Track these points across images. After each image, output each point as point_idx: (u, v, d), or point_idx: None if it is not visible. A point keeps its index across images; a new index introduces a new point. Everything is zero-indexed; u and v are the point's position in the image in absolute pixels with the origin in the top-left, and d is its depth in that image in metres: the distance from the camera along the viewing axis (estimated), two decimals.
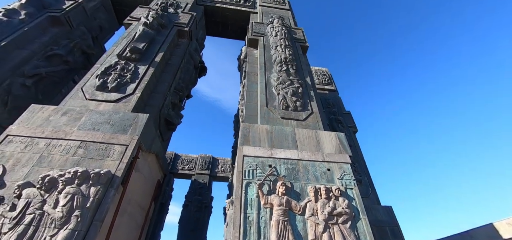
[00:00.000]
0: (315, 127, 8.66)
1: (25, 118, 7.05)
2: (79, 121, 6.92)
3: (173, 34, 11.70)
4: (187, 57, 11.83)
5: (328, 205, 6.15)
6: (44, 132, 6.61)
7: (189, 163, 21.39)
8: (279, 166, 6.74)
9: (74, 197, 5.27)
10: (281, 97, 9.12)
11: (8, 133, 6.59)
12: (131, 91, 8.19)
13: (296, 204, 6.02)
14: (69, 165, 5.94)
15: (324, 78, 19.18)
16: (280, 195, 6.05)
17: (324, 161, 7.26)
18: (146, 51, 9.96)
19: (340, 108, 15.98)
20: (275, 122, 8.27)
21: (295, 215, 5.84)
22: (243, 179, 6.21)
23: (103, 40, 15.52)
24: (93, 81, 8.32)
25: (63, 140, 6.47)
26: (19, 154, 6.16)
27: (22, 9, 11.72)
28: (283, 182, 6.28)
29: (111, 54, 9.58)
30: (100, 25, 14.75)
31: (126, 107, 7.69)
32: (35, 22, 11.44)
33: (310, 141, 7.71)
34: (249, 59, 11.84)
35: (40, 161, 6.03)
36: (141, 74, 8.85)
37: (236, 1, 17.83)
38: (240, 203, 5.73)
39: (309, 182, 6.57)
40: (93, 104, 7.66)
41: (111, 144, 6.45)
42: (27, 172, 5.81)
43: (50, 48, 11.17)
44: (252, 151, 6.88)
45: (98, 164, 6.01)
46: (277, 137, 7.50)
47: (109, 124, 6.93)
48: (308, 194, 6.30)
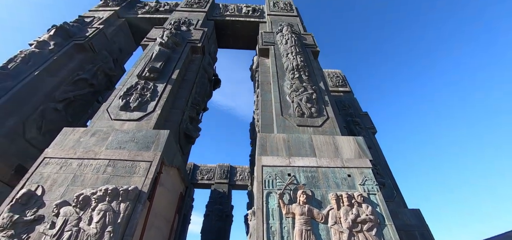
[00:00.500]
0: (332, 132, 8.58)
1: (58, 140, 7.62)
2: (107, 141, 7.37)
3: (187, 50, 12.21)
4: (202, 72, 12.27)
5: (351, 213, 6.04)
6: (76, 153, 7.11)
7: (208, 172, 21.82)
8: (299, 175, 6.74)
9: (106, 213, 5.60)
10: (296, 105, 9.16)
11: (45, 156, 7.15)
12: (151, 109, 8.62)
13: (318, 212, 5.97)
14: (100, 183, 6.33)
15: (337, 80, 18.96)
16: (301, 204, 6.04)
17: (344, 167, 7.16)
18: (163, 70, 10.47)
19: (357, 110, 15.67)
20: (292, 130, 8.30)
21: (318, 224, 5.79)
22: (263, 189, 6.28)
23: (123, 61, 16.51)
24: (117, 102, 8.85)
25: (93, 159, 6.91)
26: (55, 175, 6.66)
27: (51, 40, 12.80)
28: (303, 190, 6.27)
29: (131, 75, 10.16)
30: (120, 47, 15.74)
31: (148, 124, 8.10)
32: (62, 50, 12.44)
33: (328, 147, 7.65)
34: (261, 69, 12.03)
35: (74, 181, 6.48)
36: (160, 92, 9.30)
37: (245, 13, 18.29)
38: (262, 213, 5.79)
39: (330, 190, 6.50)
40: (118, 123, 8.14)
41: (137, 161, 6.81)
42: (63, 192, 6.26)
43: (77, 73, 12.08)
44: (271, 161, 6.95)
45: (126, 181, 6.35)
46: (295, 145, 7.52)
47: (133, 142, 7.32)
48: (330, 201, 6.23)
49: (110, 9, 17.07)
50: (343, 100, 16.28)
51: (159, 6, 18.62)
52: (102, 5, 17.60)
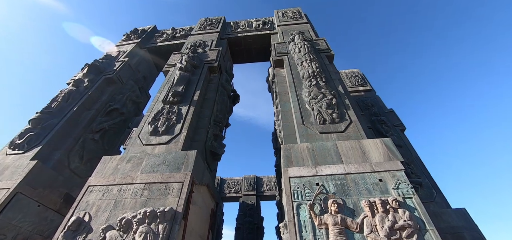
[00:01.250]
0: (357, 136, 8.38)
1: (99, 169, 8.32)
2: (141, 166, 7.91)
3: (205, 71, 12.82)
4: (221, 89, 12.76)
5: (387, 219, 5.80)
6: (115, 179, 7.71)
7: (235, 185, 22.13)
8: (327, 183, 6.65)
9: (147, 235, 5.96)
10: (316, 112, 9.12)
11: (89, 184, 7.84)
12: (178, 131, 9.12)
13: (352, 221, 5.81)
14: (138, 206, 6.77)
15: (356, 79, 18.50)
16: (333, 213, 5.94)
17: (373, 172, 6.93)
18: (185, 93, 11.07)
19: (381, 108, 15.08)
20: (315, 138, 8.26)
21: (353, 234, 5.63)
22: (292, 201, 6.28)
23: (148, 88, 17.72)
24: (146, 128, 9.50)
25: (131, 184, 7.44)
26: (99, 201, 7.26)
27: (85, 77, 14.18)
28: (334, 199, 6.17)
29: (157, 101, 10.87)
30: (144, 75, 16.96)
31: (176, 146, 8.56)
32: (95, 86, 13.71)
33: (354, 153, 7.48)
34: (278, 80, 12.21)
35: (116, 206, 7.00)
36: (184, 114, 9.82)
37: (255, 27, 18.81)
38: (294, 226, 5.78)
39: (361, 196, 6.32)
40: (150, 148, 8.71)
41: (169, 183, 7.20)
42: (107, 217, 6.78)
43: (109, 104, 13.20)
44: (297, 172, 6.95)
45: (161, 203, 6.74)
46: (320, 154, 7.47)
47: (165, 164, 7.77)
48: (363, 209, 6.04)
49: (133, 42, 18.56)
50: (365, 99, 15.79)
51: (175, 32, 19.86)
52: (125, 39, 19.20)
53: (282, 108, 10.16)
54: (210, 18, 19.84)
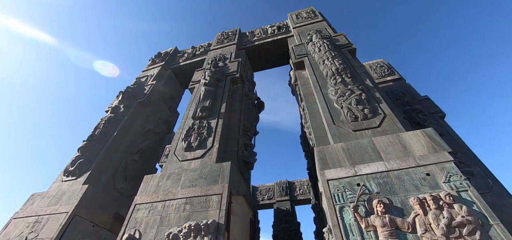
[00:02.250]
0: (393, 130, 7.95)
1: (142, 188, 8.90)
2: (180, 181, 8.31)
3: (228, 83, 13.20)
4: (245, 99, 13.01)
5: (442, 216, 5.36)
6: (158, 196, 8.19)
7: (267, 192, 22.11)
8: (369, 183, 6.37)
9: None
10: (346, 110, 8.86)
11: (135, 203, 8.41)
12: (210, 145, 9.45)
13: (402, 221, 5.47)
14: (183, 220, 7.09)
15: (382, 70, 17.62)
16: (380, 214, 5.65)
17: (418, 166, 6.49)
18: (212, 106, 11.48)
19: (414, 96, 14.12)
20: (348, 137, 8.00)
21: (406, 235, 5.29)
22: (334, 204, 6.11)
23: (176, 106, 18.75)
24: (181, 145, 10.00)
25: (173, 200, 7.84)
26: (146, 218, 7.75)
27: (121, 103, 15.42)
28: (379, 199, 5.87)
29: (187, 118, 11.42)
30: (171, 95, 17.98)
31: (210, 159, 8.87)
32: (130, 111, 14.84)
33: (394, 148, 7.09)
34: (301, 82, 12.12)
35: (162, 221, 7.41)
36: (214, 127, 10.17)
37: (271, 33, 18.99)
38: (340, 230, 5.61)
39: (409, 194, 5.94)
40: (186, 163, 9.13)
41: (209, 195, 7.46)
42: (155, 232, 7.20)
43: (144, 126, 14.20)
44: (335, 174, 6.77)
45: (203, 215, 6.99)
46: (356, 152, 7.20)
47: (202, 178, 8.08)
48: (413, 207, 5.66)
49: (158, 65, 19.84)
50: (395, 89, 14.93)
51: (195, 50, 20.82)
52: (151, 64, 20.59)
53: (309, 110, 10.04)
54: (226, 31, 20.48)
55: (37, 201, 10.73)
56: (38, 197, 10.93)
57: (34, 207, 10.44)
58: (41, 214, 9.92)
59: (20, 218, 10.21)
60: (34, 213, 10.10)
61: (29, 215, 10.12)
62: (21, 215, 10.34)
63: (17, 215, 10.43)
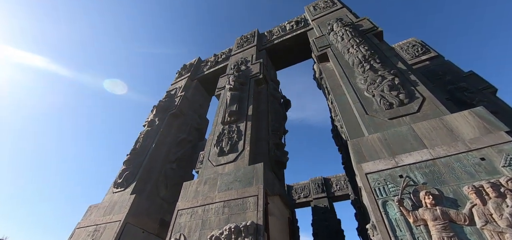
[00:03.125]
0: (436, 113, 7.29)
1: (183, 194, 9.48)
2: (216, 186, 8.68)
3: (252, 85, 13.38)
4: (271, 99, 13.07)
5: (506, 205, 4.78)
6: (198, 201, 8.66)
7: (302, 190, 21.81)
8: (412, 174, 5.94)
9: None
10: (379, 98, 8.37)
11: (178, 209, 9.00)
12: (241, 148, 9.70)
13: (457, 213, 5.00)
14: (222, 223, 7.41)
15: (415, 49, 16.19)
16: (429, 206, 5.24)
17: (470, 151, 5.86)
18: (239, 110, 11.75)
19: (456, 73, 12.72)
20: (384, 126, 7.56)
21: (462, 228, 4.82)
22: (376, 199, 5.83)
23: (204, 113, 19.63)
24: (213, 150, 10.43)
25: (212, 204, 8.22)
26: (189, 223, 8.25)
27: (155, 117, 16.61)
28: (427, 190, 5.45)
29: (217, 124, 11.86)
30: (199, 103, 18.87)
31: (243, 162, 9.10)
32: (164, 123, 15.92)
33: (439, 133, 6.50)
34: (326, 74, 11.76)
35: (203, 225, 7.83)
36: (243, 130, 10.42)
37: (289, 29, 18.72)
38: (385, 226, 5.33)
39: (462, 182, 5.40)
40: (220, 168, 9.51)
41: (245, 198, 7.67)
42: (198, 236, 7.62)
43: (178, 136, 15.14)
44: (373, 166, 6.45)
45: (242, 217, 7.21)
46: (395, 142, 6.77)
47: (237, 181, 8.34)
48: (468, 197, 5.14)
49: (184, 77, 20.93)
50: (432, 69, 13.62)
51: (217, 58, 21.50)
52: (178, 77, 21.80)
53: (338, 102, 9.69)
54: (245, 34, 20.76)
55: (94, 212, 12.11)
56: (94, 209, 12.33)
57: (92, 218, 11.81)
58: (99, 223, 11.17)
59: (82, 228, 11.62)
60: (93, 223, 11.42)
61: (89, 225, 11.47)
62: (82, 225, 11.77)
63: (79, 225, 11.89)
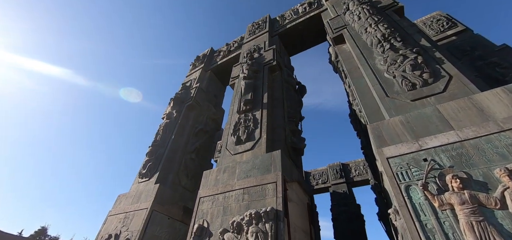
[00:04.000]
0: (464, 92, 6.84)
1: (204, 182, 9.87)
2: (235, 174, 8.94)
3: (266, 73, 13.26)
4: (285, 85, 12.93)
5: None
6: (218, 189, 8.99)
7: (320, 176, 21.78)
8: (438, 157, 5.71)
9: (257, 234, 6.69)
10: (400, 78, 7.97)
11: (200, 196, 9.43)
12: (258, 136, 9.81)
13: (487, 196, 4.78)
14: (243, 209, 7.68)
15: (439, 24, 15.00)
16: (456, 190, 5.05)
17: (503, 131, 5.49)
18: (254, 99, 11.78)
19: (487, 47, 11.66)
20: (406, 108, 7.24)
21: (493, 212, 4.62)
22: (398, 184, 5.71)
23: (220, 104, 19.92)
24: (231, 139, 10.65)
25: (232, 191, 8.51)
26: (211, 209, 8.64)
27: (173, 109, 17.13)
28: (453, 174, 5.23)
29: (233, 113, 12.02)
30: (214, 94, 19.14)
31: (260, 150, 9.23)
32: (181, 115, 16.40)
33: (467, 113, 6.13)
34: (342, 57, 11.34)
35: (225, 211, 8.17)
36: (259, 119, 10.48)
37: (302, 12, 18.05)
38: (408, 211, 5.24)
39: (493, 165, 5.11)
40: (238, 157, 9.73)
41: (264, 184, 7.85)
42: (220, 222, 7.99)
43: (195, 127, 15.59)
44: (395, 150, 6.27)
45: (261, 204, 7.42)
46: (418, 124, 6.49)
47: (255, 168, 8.52)
48: (500, 180, 4.87)
49: (198, 68, 21.18)
50: (459, 44, 12.58)
51: (229, 47, 21.41)
52: (192, 68, 22.10)
53: (356, 86, 9.37)
54: (256, 21, 20.36)
55: (123, 200, 13.03)
56: (123, 198, 13.25)
57: (122, 206, 12.73)
58: (128, 211, 12.03)
59: (113, 215, 12.59)
60: (122, 211, 12.32)
61: (119, 212, 12.39)
62: (113, 212, 12.75)
63: (111, 213, 12.88)
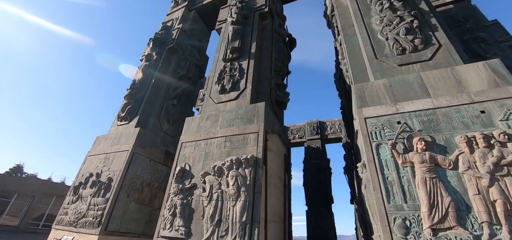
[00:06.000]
0: (448, 63, 7.00)
1: (186, 128, 9.87)
2: (218, 122, 8.97)
3: (257, 20, 12.33)
4: (275, 36, 12.25)
5: (491, 155, 5.09)
6: (201, 135, 9.09)
7: (298, 131, 22.84)
8: (411, 121, 6.10)
9: (237, 178, 7.12)
10: (392, 41, 7.87)
11: (182, 141, 9.52)
12: (243, 86, 9.62)
13: (443, 158, 5.36)
14: (224, 155, 7.96)
15: None
16: (420, 151, 5.57)
17: (473, 103, 5.88)
18: (242, 47, 11.16)
19: (479, 21, 11.63)
20: (392, 72, 7.35)
21: (445, 171, 5.25)
22: (371, 142, 6.14)
23: (204, 49, 18.65)
24: (215, 88, 10.37)
25: (214, 138, 8.66)
26: (193, 154, 8.85)
27: (152, 51, 15.83)
28: (420, 137, 5.70)
29: (218, 61, 11.44)
30: (198, 38, 17.71)
31: (245, 100, 9.18)
32: (162, 58, 15.27)
33: (446, 83, 6.39)
34: (338, 11, 10.72)
35: (206, 156, 8.43)
36: (245, 69, 10.13)
37: None
38: (375, 165, 5.78)
39: (456, 132, 5.60)
40: (222, 105, 9.64)
41: (246, 134, 8.04)
42: (202, 165, 8.31)
43: (177, 72, 14.78)
44: (373, 111, 6.56)
45: (242, 151, 7.71)
46: (400, 89, 6.71)
47: (238, 118, 8.58)
48: (458, 145, 5.42)
49: (181, 6, 19.02)
50: (455, 14, 12.38)
51: None
52: (174, 6, 19.80)
53: (347, 44, 9.14)
54: None
55: (102, 142, 12.82)
56: (102, 139, 13.01)
57: (101, 147, 12.58)
58: (108, 152, 11.96)
59: (93, 155, 12.51)
60: (102, 152, 12.23)
61: (99, 153, 12.30)
62: (93, 153, 12.63)
63: (90, 153, 12.76)
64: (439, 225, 4.71)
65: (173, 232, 7.38)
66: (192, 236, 6.97)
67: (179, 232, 7.23)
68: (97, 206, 10.07)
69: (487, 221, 4.46)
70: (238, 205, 6.76)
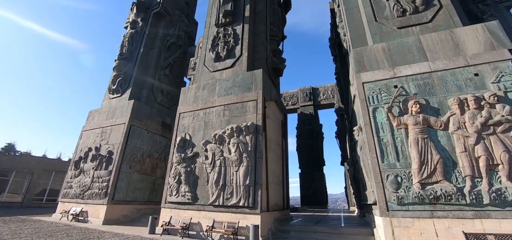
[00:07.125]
0: (447, 25, 6.96)
1: (182, 99, 9.74)
2: (216, 91, 8.89)
3: None
4: None
5: (480, 115, 5.41)
6: (198, 105, 9.05)
7: (291, 98, 22.94)
8: (407, 85, 6.26)
9: (238, 145, 7.35)
10: (393, 2, 7.63)
11: (180, 112, 9.47)
12: (239, 53, 9.34)
13: (436, 120, 5.67)
14: (224, 124, 8.07)
15: None
16: (414, 114, 5.84)
17: (468, 66, 6.03)
18: (235, 10, 10.53)
19: None
20: (391, 36, 7.28)
21: (436, 131, 5.59)
22: (368, 106, 6.34)
23: (193, 14, 17.45)
24: (209, 55, 10.02)
25: (212, 107, 8.67)
26: (192, 124, 8.91)
27: (137, 17, 14.69)
28: (415, 100, 5.93)
29: (210, 26, 10.86)
30: (186, 1, 16.41)
31: (241, 68, 9.00)
32: (148, 24, 14.25)
33: (444, 46, 6.44)
34: None
35: (206, 126, 8.52)
36: (240, 34, 9.72)
37: None
38: (371, 128, 6.06)
39: (449, 95, 5.84)
40: (218, 74, 9.45)
41: (244, 102, 8.07)
42: (202, 134, 8.44)
43: (166, 39, 13.98)
44: (371, 76, 6.65)
45: (242, 119, 7.83)
46: (398, 53, 6.73)
47: (236, 86, 8.51)
48: (450, 107, 5.70)
49: None
50: None
51: None
52: None
53: (346, 6, 8.79)
54: None
55: (96, 116, 12.55)
56: (96, 113, 12.71)
57: (96, 121, 12.35)
58: (104, 126, 11.81)
59: (89, 130, 12.33)
60: (98, 126, 12.06)
61: (95, 127, 12.13)
62: (88, 128, 12.43)
63: (85, 128, 12.55)
64: (427, 180, 5.20)
65: (180, 197, 7.80)
66: (198, 200, 7.41)
67: (186, 197, 7.65)
68: (101, 178, 10.31)
69: (470, 174, 4.95)
70: (241, 170, 7.10)
